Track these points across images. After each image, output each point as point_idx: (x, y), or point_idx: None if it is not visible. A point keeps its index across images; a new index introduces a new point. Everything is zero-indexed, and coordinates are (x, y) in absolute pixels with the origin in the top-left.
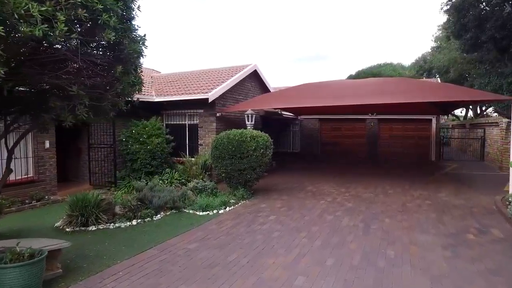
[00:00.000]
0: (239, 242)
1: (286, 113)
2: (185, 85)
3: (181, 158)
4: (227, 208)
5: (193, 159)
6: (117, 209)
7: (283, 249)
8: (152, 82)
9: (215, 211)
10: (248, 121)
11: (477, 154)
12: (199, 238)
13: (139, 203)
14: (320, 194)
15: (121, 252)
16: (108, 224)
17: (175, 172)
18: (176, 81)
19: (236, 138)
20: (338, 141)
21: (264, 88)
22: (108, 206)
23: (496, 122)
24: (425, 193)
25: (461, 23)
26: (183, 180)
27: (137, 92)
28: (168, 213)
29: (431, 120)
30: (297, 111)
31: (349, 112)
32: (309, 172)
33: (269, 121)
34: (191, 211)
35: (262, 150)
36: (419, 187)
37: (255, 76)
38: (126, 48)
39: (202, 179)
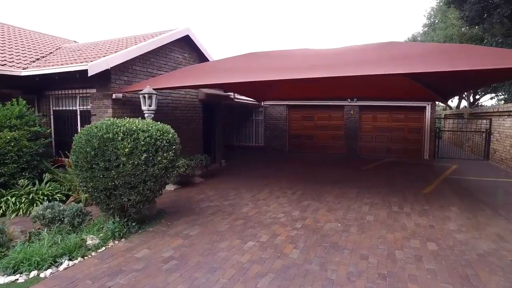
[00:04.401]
0: None
1: (243, 98)
2: (81, 55)
3: (65, 159)
4: (65, 264)
5: None
6: None
7: None
8: (50, 53)
9: (33, 274)
10: (145, 105)
11: (479, 151)
12: None
13: None
14: (256, 223)
15: None
16: None
17: (47, 183)
18: (79, 50)
19: (100, 134)
20: (310, 133)
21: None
22: None
23: None
24: (425, 222)
25: None
26: (59, 195)
27: None
28: None
29: (424, 108)
30: (258, 95)
31: (323, 97)
32: (262, 177)
33: (215, 109)
34: None
35: (145, 155)
36: (414, 209)
37: (189, 45)
38: None
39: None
